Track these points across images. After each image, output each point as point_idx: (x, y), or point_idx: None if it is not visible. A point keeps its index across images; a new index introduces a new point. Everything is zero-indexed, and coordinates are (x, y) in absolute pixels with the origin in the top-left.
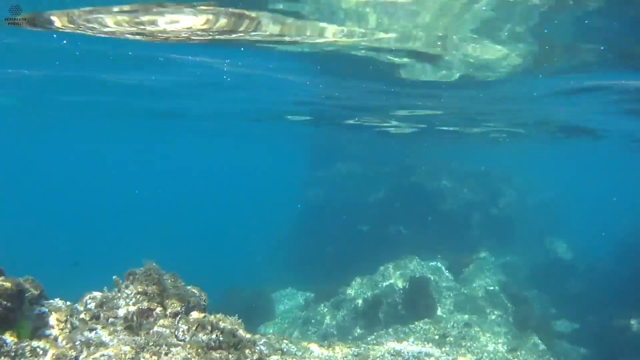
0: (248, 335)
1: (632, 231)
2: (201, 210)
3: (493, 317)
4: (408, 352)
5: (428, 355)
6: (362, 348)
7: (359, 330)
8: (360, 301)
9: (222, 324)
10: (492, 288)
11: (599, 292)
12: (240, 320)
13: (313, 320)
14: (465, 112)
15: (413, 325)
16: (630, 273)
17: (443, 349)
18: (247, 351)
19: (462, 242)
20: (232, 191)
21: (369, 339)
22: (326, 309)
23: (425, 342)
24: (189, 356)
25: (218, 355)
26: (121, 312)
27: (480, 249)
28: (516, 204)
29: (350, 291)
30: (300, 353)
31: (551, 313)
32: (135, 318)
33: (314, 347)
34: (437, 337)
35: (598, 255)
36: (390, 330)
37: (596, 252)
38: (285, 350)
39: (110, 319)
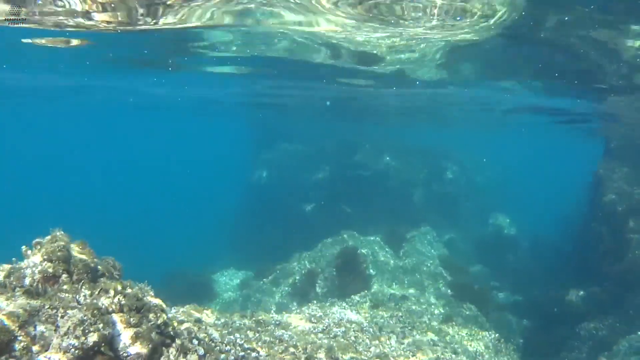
0: (156, 301)
1: (573, 207)
2: (144, 192)
3: (432, 290)
4: (329, 320)
5: (350, 321)
6: (284, 316)
7: (296, 305)
8: (297, 277)
9: (128, 290)
10: (432, 262)
11: (541, 266)
12: (149, 287)
13: (253, 299)
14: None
15: (349, 299)
16: (570, 247)
17: (374, 319)
18: (150, 315)
19: (404, 219)
20: (177, 173)
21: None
22: (265, 287)
23: (352, 309)
24: (85, 318)
25: (118, 318)
26: (27, 280)
27: (422, 224)
28: (460, 181)
29: (289, 268)
30: (220, 321)
31: (493, 286)
32: (39, 285)
33: (236, 317)
34: (368, 308)
35: (541, 230)
36: (327, 303)
37: (539, 227)
38: (202, 319)
39: (17, 288)
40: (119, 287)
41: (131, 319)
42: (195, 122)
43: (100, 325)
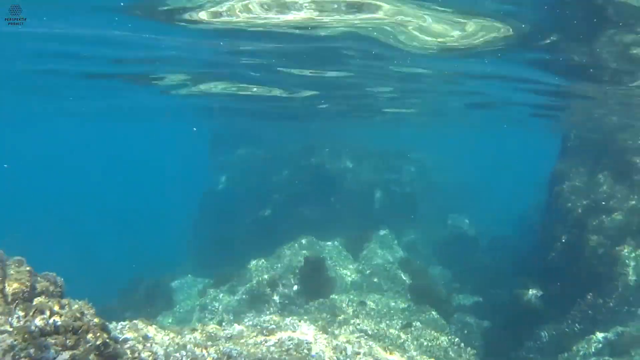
0: (96, 320)
1: (531, 206)
2: (102, 200)
3: (391, 294)
4: (281, 334)
5: (303, 334)
6: (236, 329)
7: (253, 314)
8: (255, 284)
9: (66, 309)
10: (391, 265)
11: (500, 266)
12: (90, 305)
13: (210, 307)
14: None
15: (307, 306)
16: (529, 246)
17: (330, 328)
18: (89, 336)
19: (363, 221)
20: (135, 179)
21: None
22: (222, 294)
23: (311, 324)
24: (15, 343)
25: (52, 341)
26: None
27: (381, 227)
28: (419, 182)
29: (247, 275)
30: (169, 336)
31: (454, 288)
32: None
33: (186, 331)
34: (328, 316)
35: (500, 230)
36: (285, 311)
37: (498, 227)
38: (149, 335)
39: None
40: (56, 307)
41: (67, 341)
42: (152, 127)
43: (32, 350)
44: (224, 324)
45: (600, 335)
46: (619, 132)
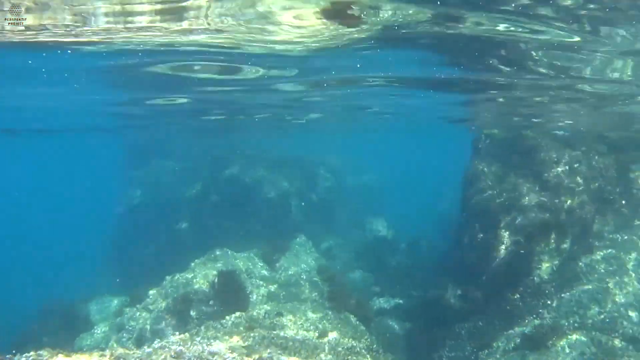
0: None
1: (448, 206)
2: (14, 220)
3: (308, 303)
4: (190, 354)
5: (212, 354)
6: (145, 351)
7: (171, 331)
8: (170, 301)
9: None
10: (308, 274)
11: (419, 268)
12: None
13: (127, 326)
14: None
15: (224, 320)
16: (447, 246)
17: (246, 342)
18: None
19: (280, 231)
20: (46, 197)
21: (170, 340)
22: (138, 313)
23: (223, 341)
24: None
25: None
26: None
27: (298, 235)
28: (335, 188)
29: (162, 291)
30: None
31: (374, 292)
32: None
33: (95, 356)
34: (243, 330)
35: (418, 232)
36: (202, 327)
37: (416, 229)
38: None
39: None
40: None
41: None
42: (63, 141)
43: None
44: (132, 346)
45: (518, 329)
46: (526, 130)
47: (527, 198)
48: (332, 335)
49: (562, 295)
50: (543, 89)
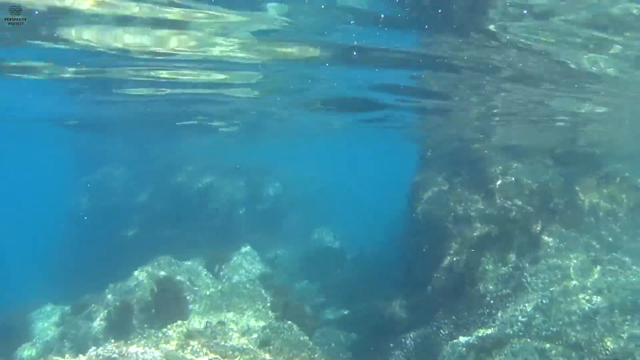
0: None
1: (396, 216)
2: None
3: (251, 312)
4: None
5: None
6: None
7: (112, 340)
8: (112, 309)
9: None
10: (252, 283)
11: (366, 278)
12: None
13: (69, 335)
14: None
15: (165, 329)
16: (394, 257)
17: (185, 351)
18: None
19: (226, 240)
20: None
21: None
22: (81, 322)
23: (162, 346)
24: None
25: None
26: None
27: (244, 244)
28: (283, 198)
29: (105, 300)
30: None
31: (320, 302)
32: None
33: None
34: (183, 339)
35: (366, 242)
36: (143, 335)
37: (364, 239)
38: None
39: None
40: None
41: None
42: (6, 146)
43: None
44: (69, 356)
45: (463, 339)
46: (474, 143)
47: (472, 209)
48: (274, 344)
49: (507, 304)
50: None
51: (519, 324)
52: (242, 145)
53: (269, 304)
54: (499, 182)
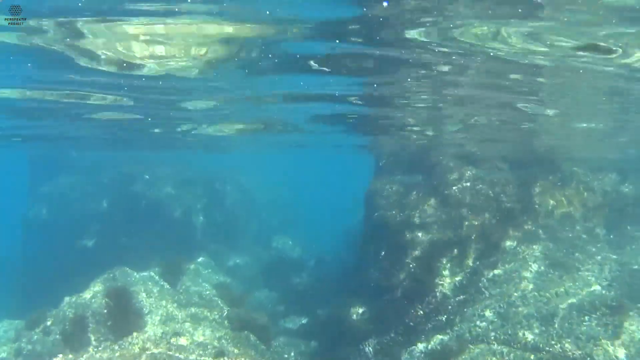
0: None
1: (355, 223)
2: None
3: (207, 322)
4: None
5: None
6: None
7: (70, 355)
8: (68, 323)
9: None
10: (209, 292)
11: (326, 285)
12: None
13: (25, 352)
14: None
15: (122, 341)
16: (352, 264)
17: None
18: None
19: (184, 249)
20: None
21: None
22: (36, 337)
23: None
24: None
25: None
26: None
27: (202, 253)
28: (242, 206)
29: (61, 313)
30: None
31: (279, 311)
32: None
33: None
34: (138, 351)
35: (325, 250)
36: (100, 348)
37: (324, 247)
38: None
39: None
40: None
41: None
42: None
43: None
44: None
45: (421, 345)
46: (430, 150)
47: (428, 214)
48: (230, 355)
49: (465, 309)
50: None
51: (477, 329)
52: (201, 155)
53: (225, 314)
54: (454, 188)
